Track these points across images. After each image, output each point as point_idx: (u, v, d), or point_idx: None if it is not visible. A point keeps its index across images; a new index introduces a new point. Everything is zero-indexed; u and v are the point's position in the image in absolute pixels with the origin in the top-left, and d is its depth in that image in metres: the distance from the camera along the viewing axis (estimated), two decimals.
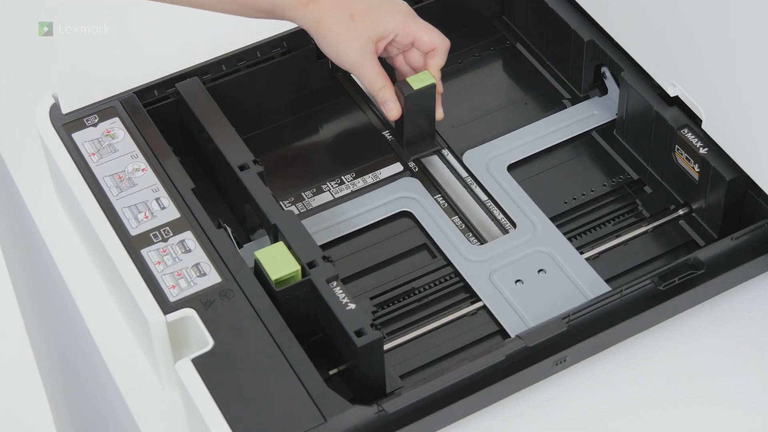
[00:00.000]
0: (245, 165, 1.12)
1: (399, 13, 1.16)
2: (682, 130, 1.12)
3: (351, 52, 1.15)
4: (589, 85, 1.24)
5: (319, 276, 1.03)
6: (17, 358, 1.79)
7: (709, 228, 1.13)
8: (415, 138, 1.20)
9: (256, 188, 1.10)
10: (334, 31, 1.14)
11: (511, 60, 1.29)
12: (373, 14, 1.15)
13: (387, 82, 1.16)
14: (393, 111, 1.17)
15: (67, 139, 1.14)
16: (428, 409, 1.00)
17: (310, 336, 1.05)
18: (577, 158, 1.21)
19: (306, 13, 1.14)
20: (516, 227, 1.15)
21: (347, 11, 1.14)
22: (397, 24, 1.16)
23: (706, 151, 1.10)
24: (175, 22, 1.35)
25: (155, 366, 1.05)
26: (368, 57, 1.15)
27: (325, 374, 1.04)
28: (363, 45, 1.15)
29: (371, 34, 1.15)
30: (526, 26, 1.30)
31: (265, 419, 0.96)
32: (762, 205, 1.11)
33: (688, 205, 1.15)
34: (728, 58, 1.04)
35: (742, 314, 1.09)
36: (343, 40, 1.14)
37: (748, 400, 1.04)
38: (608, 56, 1.19)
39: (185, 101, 1.17)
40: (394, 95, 1.16)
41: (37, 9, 1.35)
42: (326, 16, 1.14)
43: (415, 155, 1.20)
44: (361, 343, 0.99)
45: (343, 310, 1.01)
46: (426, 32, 1.17)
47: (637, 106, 1.17)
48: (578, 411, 1.04)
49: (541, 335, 1.02)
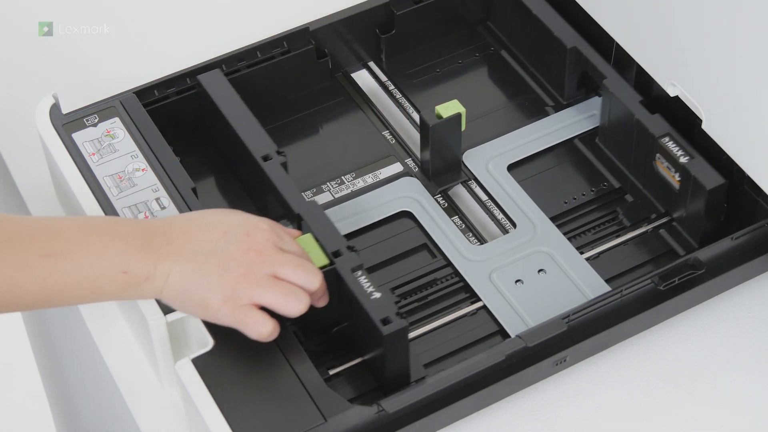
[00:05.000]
0: (268, 155, 1.12)
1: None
2: (664, 138, 1.11)
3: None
4: (573, 93, 1.23)
5: (344, 265, 1.03)
6: (17, 358, 1.79)
7: (689, 237, 1.12)
8: (441, 169, 1.19)
9: (279, 178, 1.10)
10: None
11: (495, 66, 1.29)
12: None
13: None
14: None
15: (67, 139, 1.14)
16: (428, 409, 1.00)
17: (334, 326, 1.05)
18: (559, 165, 1.20)
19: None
20: (516, 227, 1.15)
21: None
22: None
23: (686, 160, 1.09)
24: (175, 22, 1.35)
25: (155, 366, 1.05)
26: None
27: (325, 374, 1.04)
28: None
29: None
30: (510, 32, 1.29)
31: (265, 419, 0.96)
32: (762, 205, 1.11)
33: (668, 214, 1.14)
34: (728, 58, 1.04)
35: (742, 314, 1.09)
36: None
37: (748, 400, 1.04)
38: (591, 63, 1.19)
39: (207, 93, 1.17)
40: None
41: (37, 9, 1.35)
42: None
43: (443, 187, 1.19)
44: (387, 332, 0.99)
45: (368, 299, 1.01)
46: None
47: (619, 114, 1.16)
48: (578, 411, 1.04)
49: (541, 335, 1.02)
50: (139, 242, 0.97)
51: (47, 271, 0.95)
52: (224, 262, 0.98)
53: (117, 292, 0.97)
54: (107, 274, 0.96)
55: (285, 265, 0.99)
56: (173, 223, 1.00)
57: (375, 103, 1.27)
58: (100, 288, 0.96)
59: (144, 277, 0.97)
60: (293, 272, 0.99)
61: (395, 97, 1.27)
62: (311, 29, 1.24)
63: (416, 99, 1.27)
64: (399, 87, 1.28)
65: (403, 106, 1.26)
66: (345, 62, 1.29)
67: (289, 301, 0.98)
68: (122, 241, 0.97)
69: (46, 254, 0.95)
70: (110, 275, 0.96)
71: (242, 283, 0.98)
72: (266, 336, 0.98)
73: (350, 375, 1.05)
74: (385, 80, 1.29)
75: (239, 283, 0.98)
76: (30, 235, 0.95)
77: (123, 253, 0.97)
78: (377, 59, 1.30)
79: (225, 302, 0.97)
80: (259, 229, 1.00)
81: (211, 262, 0.98)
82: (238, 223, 1.01)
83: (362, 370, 1.05)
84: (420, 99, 1.27)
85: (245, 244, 0.99)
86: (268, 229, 1.01)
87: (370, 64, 1.30)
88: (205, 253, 0.98)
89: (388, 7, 1.27)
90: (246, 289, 0.98)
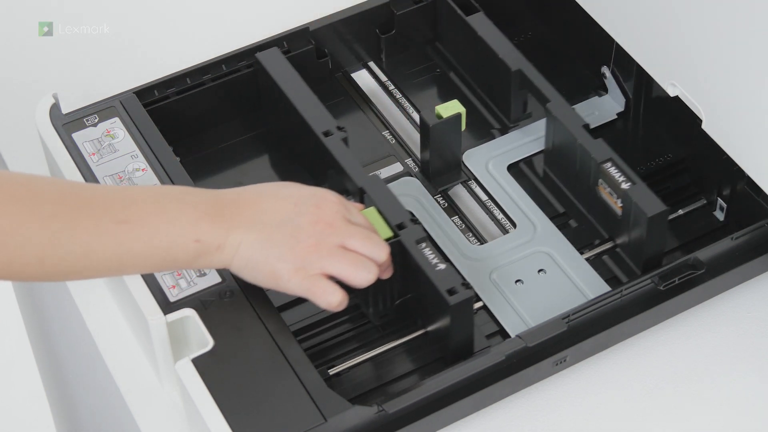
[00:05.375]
0: (329, 131, 1.13)
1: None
2: (606, 164, 1.09)
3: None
4: (519, 115, 1.22)
5: (408, 237, 1.04)
6: (17, 358, 1.79)
7: (632, 264, 1.10)
8: (441, 169, 1.19)
9: (341, 153, 1.11)
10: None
11: (443, 87, 1.28)
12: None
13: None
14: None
15: (67, 139, 1.14)
16: (428, 409, 1.00)
17: (398, 298, 1.06)
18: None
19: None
20: (516, 227, 1.15)
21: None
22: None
23: (628, 186, 1.07)
24: (175, 22, 1.35)
25: (155, 366, 1.05)
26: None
27: (325, 374, 1.04)
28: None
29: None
30: (457, 54, 1.28)
31: (265, 419, 0.96)
32: (762, 205, 1.11)
33: (612, 240, 1.13)
34: (728, 58, 1.04)
35: (742, 314, 1.09)
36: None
37: (748, 399, 1.04)
38: (535, 86, 1.17)
39: (266, 70, 1.18)
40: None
41: (37, 9, 1.35)
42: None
43: (443, 187, 1.19)
44: (453, 302, 1.00)
45: (433, 269, 1.02)
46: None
47: (562, 139, 1.14)
48: (578, 411, 1.04)
49: (541, 335, 1.02)
50: (210, 212, 0.99)
51: (122, 237, 0.96)
52: (295, 232, 0.99)
53: (188, 261, 0.99)
54: (180, 241, 0.97)
55: (354, 237, 1.01)
56: (243, 195, 1.01)
57: (375, 103, 1.27)
58: (172, 256, 0.98)
59: (216, 245, 0.98)
60: (362, 243, 1.01)
61: (395, 97, 1.27)
62: (311, 29, 1.24)
63: (416, 99, 1.27)
64: (399, 87, 1.28)
65: (403, 106, 1.26)
66: (345, 62, 1.29)
67: (359, 271, 1.00)
68: (194, 210, 0.98)
69: (122, 220, 0.96)
70: (183, 243, 0.98)
71: (312, 253, 0.99)
72: (336, 305, 1.00)
73: (350, 375, 1.05)
74: (385, 80, 1.29)
75: (309, 254, 0.99)
76: (106, 202, 0.97)
77: (195, 222, 0.98)
78: (377, 59, 1.30)
79: (295, 272, 0.99)
80: (328, 201, 1.02)
81: (282, 232, 0.99)
82: (308, 195, 1.02)
83: (362, 370, 1.06)
84: (420, 99, 1.27)
85: (315, 216, 1.00)
86: (337, 201, 1.03)
87: (370, 64, 1.30)
88: (276, 224, 1.00)
89: (388, 7, 1.27)
90: (316, 259, 0.99)
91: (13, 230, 0.92)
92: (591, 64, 1.27)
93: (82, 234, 0.95)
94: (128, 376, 1.08)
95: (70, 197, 0.96)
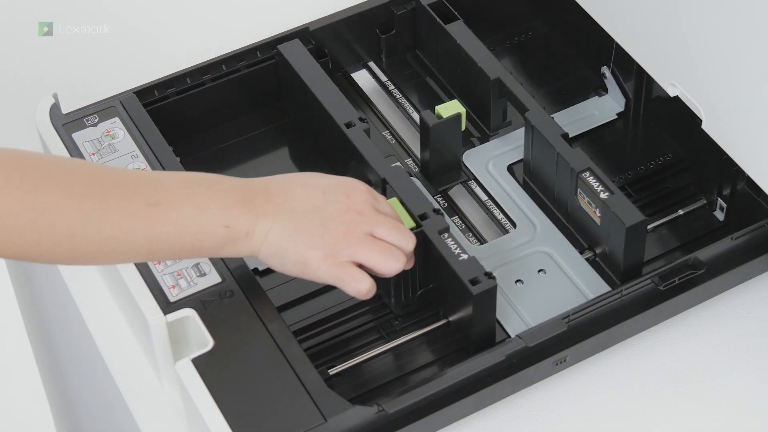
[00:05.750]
0: (351, 122, 1.13)
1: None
2: (584, 173, 1.09)
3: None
4: (498, 123, 1.22)
5: (431, 227, 1.04)
6: (17, 358, 1.79)
7: (611, 273, 1.10)
8: (441, 169, 1.19)
9: (364, 145, 1.12)
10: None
11: (423, 95, 1.27)
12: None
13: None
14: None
15: (67, 139, 1.14)
16: (428, 409, 1.00)
17: (420, 288, 1.07)
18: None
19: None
20: (516, 227, 1.15)
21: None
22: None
23: (606, 196, 1.07)
24: (175, 22, 1.35)
25: (155, 366, 1.05)
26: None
27: (325, 374, 1.04)
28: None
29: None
30: (437, 62, 1.28)
31: (265, 419, 0.96)
32: (762, 205, 1.11)
33: (591, 249, 1.13)
34: (728, 58, 1.04)
35: (742, 314, 1.09)
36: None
37: (748, 399, 1.04)
38: (513, 95, 1.16)
39: (288, 62, 1.18)
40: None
41: (37, 9, 1.35)
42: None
43: (443, 187, 1.19)
44: (476, 291, 1.00)
45: (456, 260, 1.02)
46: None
47: (541, 148, 1.14)
48: (578, 411, 1.04)
49: (541, 335, 1.02)
50: (240, 198, 0.99)
51: (152, 220, 0.96)
52: (324, 220, 1.00)
53: (217, 247, 0.98)
54: (209, 227, 0.97)
55: (382, 226, 1.01)
56: (272, 183, 1.02)
57: (375, 103, 1.27)
58: (200, 241, 0.97)
59: (245, 232, 0.98)
60: (389, 233, 1.01)
61: (395, 97, 1.27)
62: (311, 29, 1.24)
63: (416, 99, 1.27)
64: (399, 87, 1.28)
65: (403, 106, 1.26)
66: (345, 62, 1.29)
67: (388, 259, 1.00)
68: (224, 196, 0.98)
69: (153, 203, 0.96)
70: (212, 228, 0.97)
71: (342, 241, 0.99)
72: (365, 293, 1.00)
73: (350, 375, 1.05)
74: (385, 80, 1.29)
75: (339, 241, 0.99)
76: (137, 185, 0.96)
77: (225, 208, 0.98)
78: (377, 59, 1.30)
79: (324, 259, 0.99)
80: (357, 190, 1.02)
81: (311, 220, 1.00)
82: (337, 184, 1.02)
83: (362, 370, 1.06)
84: (420, 99, 1.27)
85: (345, 204, 1.01)
86: (366, 190, 1.03)
87: (370, 64, 1.30)
88: (305, 211, 1.00)
89: (388, 7, 1.27)
90: (346, 247, 0.99)
91: (45, 208, 0.92)
92: (591, 64, 1.27)
93: (114, 215, 0.94)
94: (128, 376, 1.08)
95: (102, 178, 0.95)
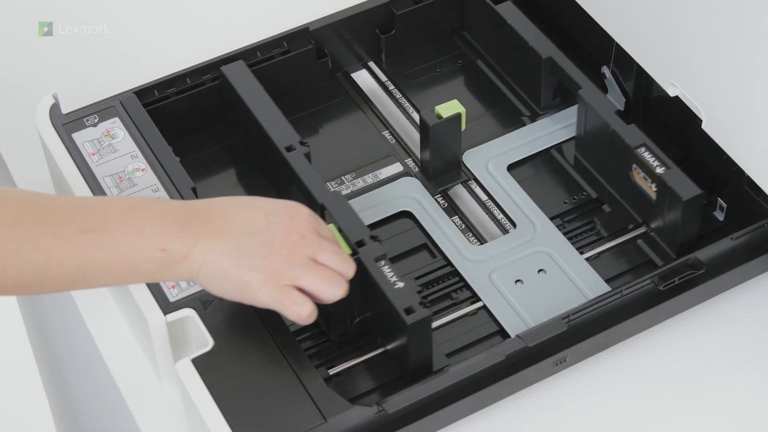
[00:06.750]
0: (292, 146, 1.12)
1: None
2: (640, 149, 1.10)
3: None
4: (549, 102, 1.23)
5: (367, 255, 1.03)
6: (17, 358, 1.79)
7: (666, 247, 1.11)
8: (441, 169, 1.19)
9: (302, 169, 1.11)
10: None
11: (471, 76, 1.28)
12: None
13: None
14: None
15: (67, 139, 1.14)
16: (428, 409, 1.00)
17: (357, 315, 1.06)
18: (537, 175, 1.20)
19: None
20: (516, 227, 1.15)
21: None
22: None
23: (663, 171, 1.08)
24: (174, 22, 1.35)
25: (155, 366, 1.05)
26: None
27: (325, 374, 1.04)
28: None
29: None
30: (486, 42, 1.29)
31: (265, 419, 0.96)
32: (762, 205, 1.11)
33: (646, 225, 1.14)
34: (728, 59, 1.04)
35: (742, 314, 1.09)
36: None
37: (749, 399, 1.04)
38: (566, 73, 1.18)
39: (230, 83, 1.17)
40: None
41: (37, 9, 1.35)
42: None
43: (443, 187, 1.19)
44: (410, 321, 0.99)
45: (392, 288, 1.01)
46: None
47: (595, 125, 1.15)
48: (578, 411, 1.04)
49: (541, 335, 1.02)
50: (178, 220, 0.97)
51: (85, 246, 0.94)
52: (267, 242, 0.98)
53: (154, 271, 0.97)
54: (145, 251, 0.96)
55: (325, 251, 1.00)
56: (213, 204, 1.00)
57: (375, 103, 1.27)
58: (137, 266, 0.96)
59: (182, 255, 0.97)
60: (332, 258, 1.00)
61: (395, 97, 1.27)
62: (311, 29, 1.24)
63: (416, 99, 1.27)
64: (399, 87, 1.28)
65: (403, 106, 1.26)
66: (345, 62, 1.29)
67: (330, 285, 0.99)
68: (161, 219, 0.97)
69: (86, 229, 0.94)
70: (148, 252, 0.96)
71: (285, 264, 0.98)
72: (305, 317, 0.98)
73: (350, 375, 1.05)
74: (385, 80, 1.29)
75: (282, 264, 0.98)
76: (70, 211, 0.95)
77: (162, 230, 0.96)
78: (377, 59, 1.30)
79: (266, 282, 0.97)
80: (301, 213, 1.01)
81: (254, 242, 0.98)
82: (280, 206, 1.01)
83: (362, 370, 1.06)
84: (420, 99, 1.27)
85: (288, 226, 0.99)
86: (309, 213, 1.02)
87: (370, 64, 1.30)
88: (247, 233, 0.98)
89: (388, 7, 1.27)
90: (288, 270, 0.98)
91: None
92: (591, 64, 1.27)
93: (44, 242, 0.92)
94: (128, 376, 1.08)
95: (34, 206, 0.94)
